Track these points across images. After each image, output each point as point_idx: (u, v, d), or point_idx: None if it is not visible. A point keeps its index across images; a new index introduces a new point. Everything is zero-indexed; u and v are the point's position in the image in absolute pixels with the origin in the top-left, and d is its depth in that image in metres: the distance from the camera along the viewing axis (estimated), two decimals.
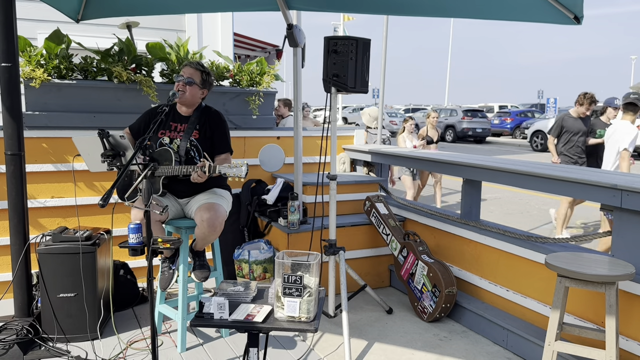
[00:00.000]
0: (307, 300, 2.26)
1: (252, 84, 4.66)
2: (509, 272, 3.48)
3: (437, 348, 3.35)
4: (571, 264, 2.61)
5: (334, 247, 3.46)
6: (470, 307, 3.62)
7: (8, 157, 3.17)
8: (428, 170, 4.30)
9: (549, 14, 3.06)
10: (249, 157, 4.74)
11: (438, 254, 4.07)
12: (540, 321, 3.23)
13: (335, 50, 3.28)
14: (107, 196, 2.11)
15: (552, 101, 29.17)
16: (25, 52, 3.88)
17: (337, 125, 4.12)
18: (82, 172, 4.05)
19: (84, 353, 3.10)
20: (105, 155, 2.73)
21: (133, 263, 4.09)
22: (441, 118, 24.78)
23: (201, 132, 3.29)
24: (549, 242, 3.22)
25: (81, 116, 4.10)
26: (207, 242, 3.19)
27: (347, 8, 4.15)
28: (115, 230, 4.01)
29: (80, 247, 3.18)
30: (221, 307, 2.27)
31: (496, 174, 3.52)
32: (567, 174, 3.11)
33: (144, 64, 4.28)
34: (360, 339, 3.47)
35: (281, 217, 4.20)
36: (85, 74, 4.12)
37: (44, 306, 3.20)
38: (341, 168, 5.29)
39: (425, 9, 3.61)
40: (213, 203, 3.14)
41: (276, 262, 2.31)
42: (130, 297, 3.84)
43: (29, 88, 3.89)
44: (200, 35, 6.30)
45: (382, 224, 4.18)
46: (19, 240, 3.22)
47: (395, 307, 3.99)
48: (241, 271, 4.11)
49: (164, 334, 3.42)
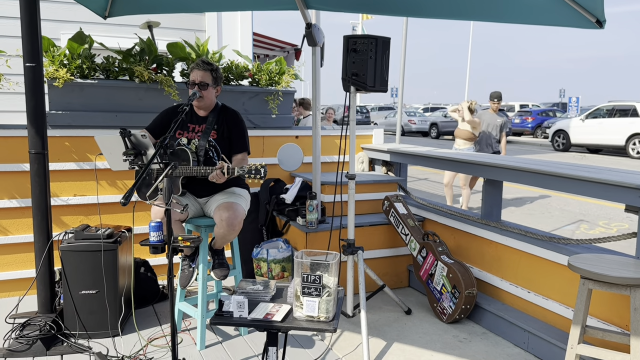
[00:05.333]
0: (326, 300, 2.25)
1: (271, 84, 4.67)
2: (530, 273, 3.43)
3: (456, 349, 3.32)
4: (595, 265, 2.57)
5: (353, 247, 3.45)
6: (491, 308, 3.58)
7: (32, 155, 3.22)
8: (448, 170, 4.26)
9: (570, 18, 3.01)
10: (268, 157, 4.75)
11: (458, 255, 4.04)
12: (562, 323, 3.18)
13: (354, 49, 3.27)
14: (129, 194, 2.13)
15: (574, 100, 28.75)
16: (49, 52, 3.94)
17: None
18: (103, 171, 4.11)
19: (105, 349, 3.14)
20: (126, 154, 2.76)
21: (153, 261, 4.14)
22: None
23: (219, 132, 3.31)
24: (571, 244, 3.17)
25: (103, 115, 4.16)
26: (226, 240, 3.21)
27: (366, 9, 4.14)
28: (136, 228, 4.06)
29: (102, 245, 3.22)
30: (241, 305, 2.28)
31: (518, 174, 3.47)
32: (590, 174, 3.05)
33: (164, 64, 4.32)
34: (379, 339, 3.45)
35: (299, 216, 4.20)
36: (107, 73, 4.18)
37: (66, 303, 3.25)
38: (359, 167, 5.28)
39: (445, 12, 3.58)
40: (232, 202, 3.15)
41: (295, 261, 2.31)
42: (150, 294, 3.88)
43: (52, 88, 3.96)
44: (220, 35, 6.34)
45: (401, 223, 4.16)
46: (42, 238, 3.27)
47: (414, 308, 3.96)
48: (260, 270, 4.12)
49: (184, 332, 3.45)
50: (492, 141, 7.30)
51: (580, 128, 18.35)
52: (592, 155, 17.70)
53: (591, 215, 8.18)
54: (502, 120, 7.35)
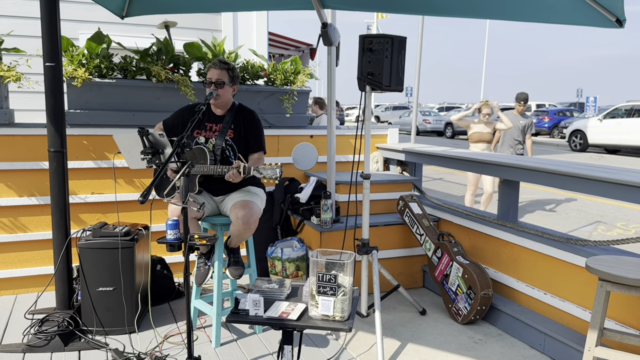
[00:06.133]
0: (342, 299, 2.26)
1: (286, 83, 4.68)
2: (547, 274, 3.40)
3: (471, 350, 3.30)
4: (613, 267, 2.54)
5: (367, 247, 3.45)
6: (506, 309, 3.56)
7: (51, 154, 3.26)
8: (464, 170, 4.22)
9: (590, 17, 2.97)
10: (283, 156, 4.77)
11: (473, 256, 4.01)
12: (579, 325, 3.15)
13: (370, 49, 3.26)
14: (147, 193, 2.15)
15: (591, 100, 28.38)
16: (68, 52, 3.99)
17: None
18: (120, 169, 4.15)
19: (122, 346, 3.17)
20: (144, 152, 2.79)
21: (169, 258, 4.17)
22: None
23: (236, 131, 3.33)
24: (589, 245, 3.13)
25: (121, 114, 4.20)
26: (241, 239, 3.23)
27: (382, 7, 4.13)
28: (153, 226, 4.10)
29: (119, 242, 3.25)
30: (256, 304, 2.29)
31: (535, 174, 3.44)
32: (607, 174, 3.01)
33: (181, 64, 4.35)
34: (393, 339, 3.45)
35: (314, 215, 4.21)
36: (124, 73, 4.22)
37: (83, 299, 3.29)
38: (374, 167, 5.27)
39: (461, 10, 3.55)
40: (248, 201, 3.17)
41: (310, 260, 2.31)
42: (166, 291, 3.91)
43: (71, 87, 4.01)
44: (235, 35, 6.37)
45: (416, 223, 4.14)
46: (60, 235, 3.32)
47: (428, 308, 3.95)
48: (274, 268, 4.14)
49: (199, 329, 3.47)
50: (514, 143, 7.14)
51: (598, 128, 18.11)
52: (610, 156, 17.47)
53: (609, 217, 8.07)
54: (525, 122, 7.15)
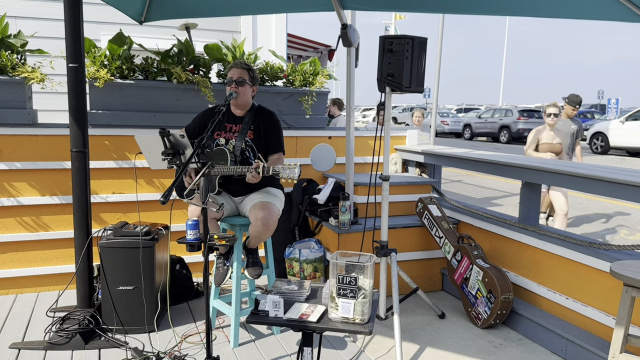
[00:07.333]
0: (362, 302, 2.24)
1: (305, 84, 4.68)
2: (569, 279, 3.34)
3: (491, 355, 3.26)
4: (639, 272, 2.48)
5: (386, 249, 3.43)
6: (527, 314, 3.51)
7: (73, 154, 3.29)
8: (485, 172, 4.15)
9: (615, 11, 2.91)
10: (301, 157, 4.77)
11: (493, 259, 3.97)
12: (603, 331, 3.09)
13: (390, 50, 3.25)
14: (168, 193, 2.17)
15: (613, 102, 27.91)
16: (90, 53, 4.05)
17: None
18: (141, 169, 4.19)
19: (141, 345, 3.20)
20: (165, 153, 2.81)
21: (188, 258, 4.20)
22: (495, 118, 24.15)
23: (255, 132, 3.34)
24: (612, 249, 3.08)
25: (141, 115, 4.24)
26: (260, 240, 3.23)
27: (403, 7, 4.10)
28: (173, 225, 4.12)
29: (140, 242, 3.28)
30: (276, 305, 2.29)
31: (557, 177, 3.39)
32: (629, 177, 2.95)
33: (201, 65, 4.38)
34: (412, 342, 3.42)
35: (332, 217, 4.20)
36: (145, 74, 4.26)
37: (104, 298, 3.33)
38: (392, 169, 5.24)
39: (483, 7, 3.50)
40: (267, 202, 3.17)
41: (330, 262, 2.30)
42: (185, 291, 3.94)
43: (93, 88, 4.06)
44: (255, 36, 6.39)
45: (435, 226, 4.11)
46: (82, 234, 3.35)
47: (447, 312, 3.91)
48: (292, 269, 4.14)
49: (217, 329, 3.48)
50: (569, 149, 6.80)
51: (619, 130, 17.81)
52: (632, 159, 17.14)
53: (631, 220, 7.92)
54: (576, 126, 6.79)
